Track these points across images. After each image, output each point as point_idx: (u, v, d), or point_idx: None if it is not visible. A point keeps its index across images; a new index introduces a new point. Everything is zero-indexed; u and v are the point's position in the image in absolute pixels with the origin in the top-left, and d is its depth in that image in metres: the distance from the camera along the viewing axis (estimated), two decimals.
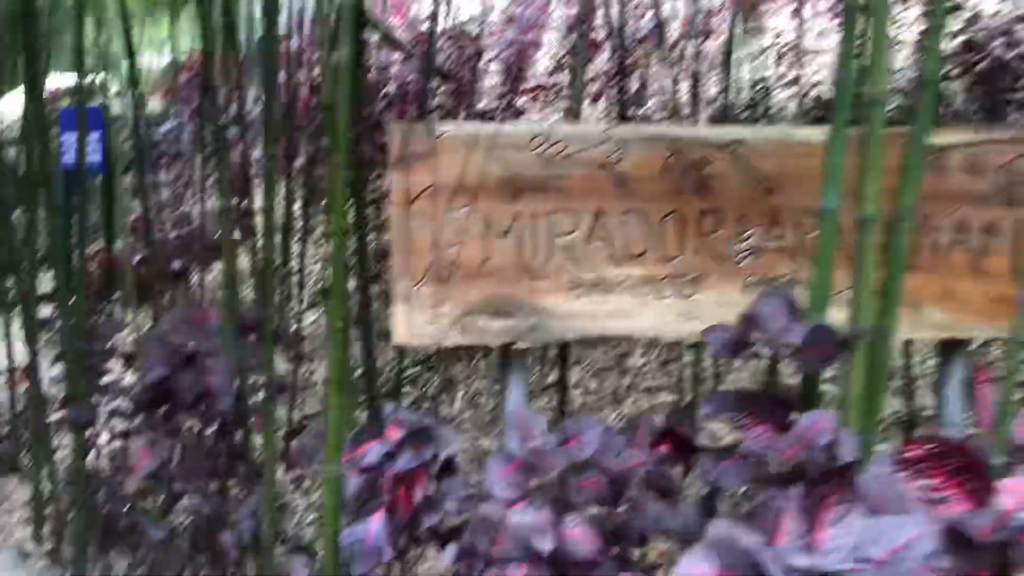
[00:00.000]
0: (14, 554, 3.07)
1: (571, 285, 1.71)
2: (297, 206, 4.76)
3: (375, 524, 1.57)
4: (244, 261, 6.19)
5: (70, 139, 6.24)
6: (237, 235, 5.86)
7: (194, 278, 6.05)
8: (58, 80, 10.27)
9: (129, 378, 3.38)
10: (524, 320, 1.72)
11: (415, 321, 1.70)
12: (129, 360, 3.44)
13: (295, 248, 4.77)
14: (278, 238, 4.86)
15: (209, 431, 2.32)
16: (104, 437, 3.24)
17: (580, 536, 1.46)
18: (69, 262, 4.85)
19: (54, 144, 4.93)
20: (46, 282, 4.70)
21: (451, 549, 1.38)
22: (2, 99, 9.19)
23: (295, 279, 4.73)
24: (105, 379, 3.18)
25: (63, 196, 6.28)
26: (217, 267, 6.49)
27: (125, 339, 3.66)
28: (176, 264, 5.56)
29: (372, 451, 1.58)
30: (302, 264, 4.83)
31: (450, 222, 1.68)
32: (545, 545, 1.39)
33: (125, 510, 3.12)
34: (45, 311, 5.88)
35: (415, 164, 1.66)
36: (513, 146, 1.67)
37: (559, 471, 1.55)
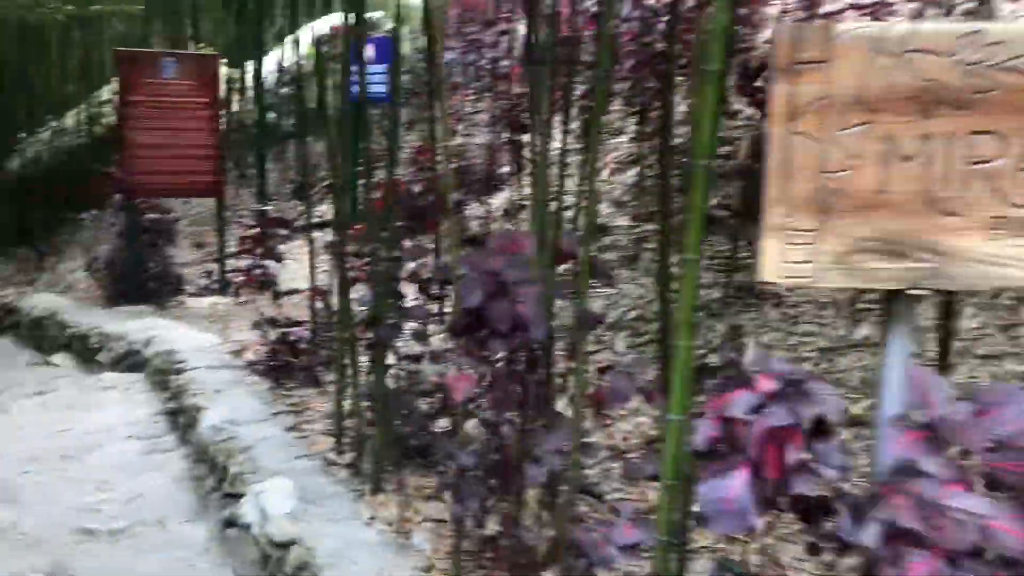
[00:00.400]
0: (319, 463, 3.25)
1: (991, 223, 1.39)
2: (570, 140, 4.65)
3: (738, 483, 1.38)
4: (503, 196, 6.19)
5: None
6: (515, 167, 5.91)
7: (469, 209, 6.19)
8: (336, 18, 10.87)
9: (423, 302, 3.46)
10: (923, 262, 1.43)
11: (788, 257, 1.46)
12: (424, 286, 3.52)
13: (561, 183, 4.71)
14: (554, 171, 4.80)
15: (519, 360, 2.26)
16: (395, 358, 3.35)
17: (1013, 531, 1.19)
18: (358, 189, 5.10)
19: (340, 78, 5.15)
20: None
21: (872, 527, 1.16)
22: (298, 32, 9.85)
23: (566, 214, 4.67)
24: (404, 303, 3.26)
25: (356, 125, 6.59)
26: (490, 199, 6.61)
27: (415, 266, 3.72)
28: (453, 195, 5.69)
29: (739, 401, 1.39)
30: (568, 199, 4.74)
31: (842, 142, 1.42)
32: (972, 536, 1.14)
33: (422, 430, 3.21)
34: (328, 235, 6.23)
35: (804, 72, 1.41)
36: (930, 50, 1.37)
37: (975, 448, 1.28)
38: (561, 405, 2.68)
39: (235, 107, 9.25)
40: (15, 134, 10.45)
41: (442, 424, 3.40)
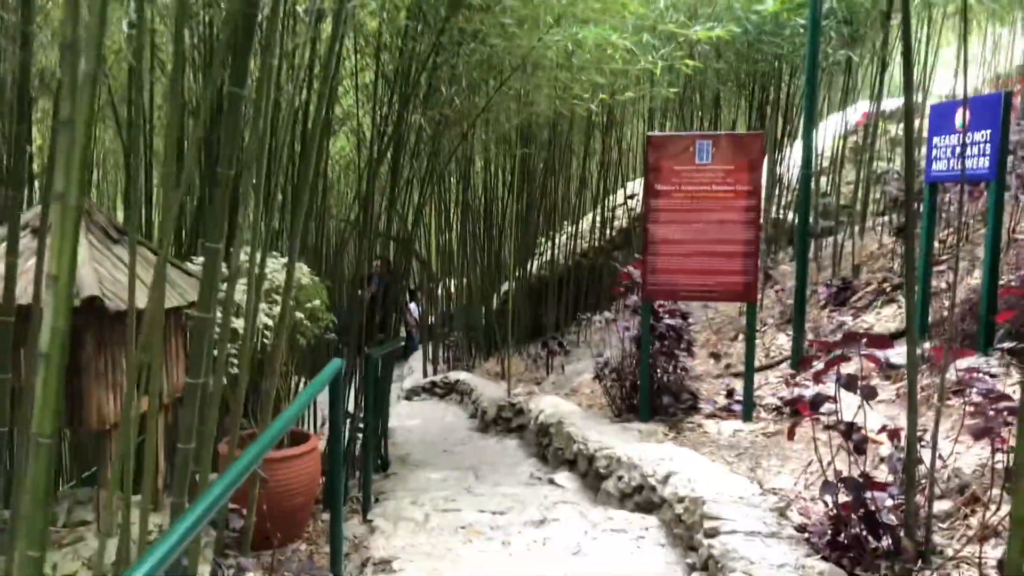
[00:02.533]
0: None
1: None
2: None
3: None
4: None
5: (945, 143, 5.03)
6: None
7: None
8: (863, 108, 9.40)
9: None
10: None
11: None
12: None
13: None
14: None
15: None
16: None
17: None
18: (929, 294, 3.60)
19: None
20: None
21: None
22: (818, 128, 8.67)
23: None
24: None
25: (932, 212, 5.04)
26: None
27: None
28: None
29: None
30: None
31: None
32: None
33: None
34: None
35: None
36: None
37: None
38: None
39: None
40: (535, 238, 10.88)
41: None
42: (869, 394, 2.83)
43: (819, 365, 3.24)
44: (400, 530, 4.08)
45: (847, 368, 3.17)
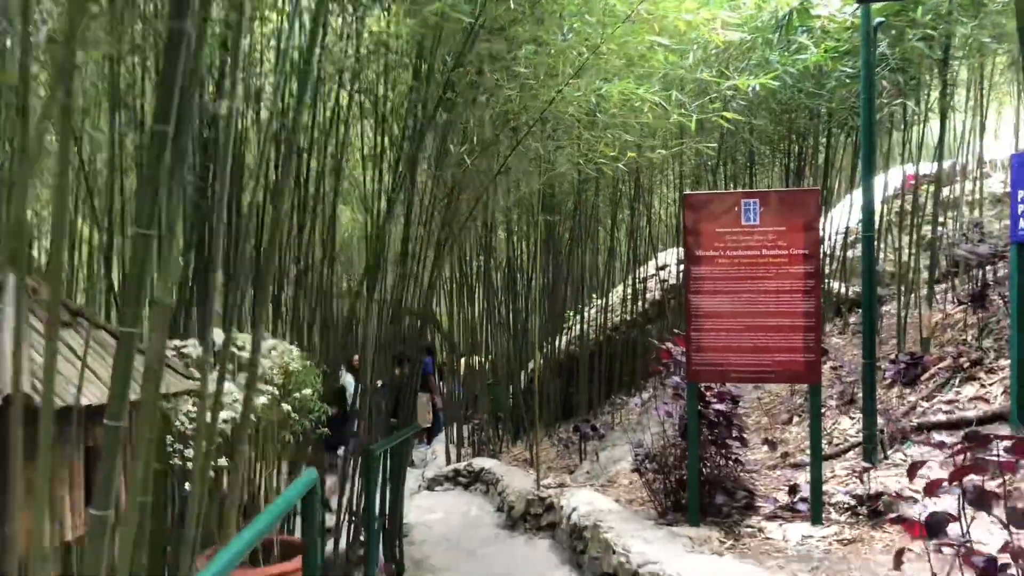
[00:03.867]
0: None
1: None
2: None
3: None
4: None
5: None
6: None
7: None
8: (908, 169, 8.75)
9: None
10: None
11: None
12: None
13: None
14: None
15: None
16: None
17: None
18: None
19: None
20: None
21: None
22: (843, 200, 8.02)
23: None
24: None
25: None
26: None
27: None
28: None
29: None
30: None
31: None
32: None
33: None
34: None
35: None
36: None
37: None
38: None
39: None
40: (563, 312, 10.26)
41: None
42: (1021, 521, 2.10)
43: (930, 470, 2.54)
44: None
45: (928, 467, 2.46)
